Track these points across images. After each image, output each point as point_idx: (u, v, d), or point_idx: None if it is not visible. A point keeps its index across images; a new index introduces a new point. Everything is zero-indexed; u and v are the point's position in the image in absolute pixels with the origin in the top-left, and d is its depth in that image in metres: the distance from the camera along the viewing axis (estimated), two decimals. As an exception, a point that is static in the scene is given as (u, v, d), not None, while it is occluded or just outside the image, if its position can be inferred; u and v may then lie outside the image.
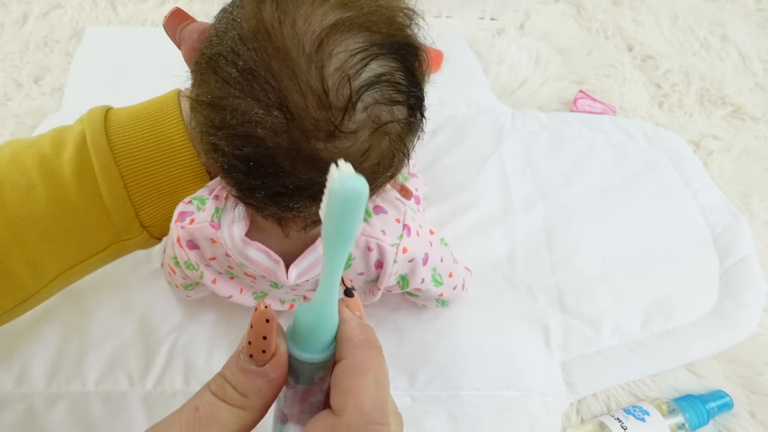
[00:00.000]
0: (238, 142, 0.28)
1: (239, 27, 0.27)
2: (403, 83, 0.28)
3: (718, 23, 1.02)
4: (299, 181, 0.28)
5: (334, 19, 0.26)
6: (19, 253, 0.41)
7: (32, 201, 0.40)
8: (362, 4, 0.28)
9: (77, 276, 0.47)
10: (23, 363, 0.53)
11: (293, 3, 0.26)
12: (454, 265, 0.49)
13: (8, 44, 0.93)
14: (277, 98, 0.26)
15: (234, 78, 0.27)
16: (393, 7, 0.29)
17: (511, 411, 0.51)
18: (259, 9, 0.27)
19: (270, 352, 0.20)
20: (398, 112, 0.29)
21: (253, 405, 0.20)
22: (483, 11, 0.96)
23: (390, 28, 0.28)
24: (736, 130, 0.84)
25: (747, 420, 0.54)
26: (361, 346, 0.21)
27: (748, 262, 0.64)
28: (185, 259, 0.43)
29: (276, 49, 0.26)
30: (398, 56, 0.28)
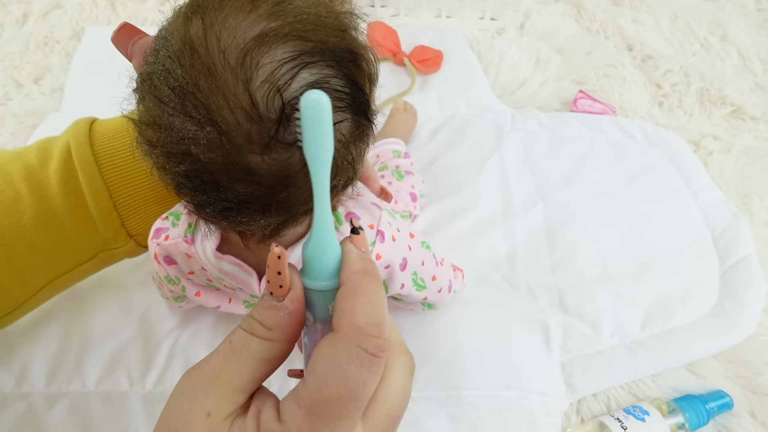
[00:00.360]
0: (174, 160, 0.28)
1: (169, 45, 0.27)
2: (341, 90, 0.28)
3: (718, 23, 1.02)
4: (240, 195, 0.28)
5: (258, 30, 0.26)
6: (6, 263, 0.42)
7: (19, 212, 0.41)
8: (291, 12, 0.27)
9: (65, 285, 0.47)
10: (23, 363, 0.53)
11: (219, 16, 0.26)
12: (438, 267, 0.48)
13: (8, 44, 0.93)
14: (208, 114, 0.26)
15: (167, 96, 0.27)
16: (326, 12, 0.28)
17: (511, 411, 0.51)
18: (185, 25, 0.27)
19: (286, 287, 0.22)
20: (339, 119, 0.28)
21: (279, 337, 0.22)
22: (483, 11, 0.96)
23: (323, 35, 0.27)
24: (736, 130, 0.84)
25: (747, 420, 0.54)
26: (358, 273, 0.22)
27: (748, 262, 0.64)
28: (165, 274, 0.44)
29: (203, 65, 0.26)
30: (334, 62, 0.27)
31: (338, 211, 0.40)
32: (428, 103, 0.83)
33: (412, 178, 0.67)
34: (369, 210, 0.42)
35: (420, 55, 0.88)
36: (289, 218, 0.31)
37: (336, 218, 0.39)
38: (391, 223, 0.42)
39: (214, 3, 0.27)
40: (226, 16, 0.26)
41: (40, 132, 0.78)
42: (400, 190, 0.64)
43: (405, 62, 0.87)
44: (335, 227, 0.38)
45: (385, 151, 0.71)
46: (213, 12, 0.26)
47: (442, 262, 0.49)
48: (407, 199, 0.64)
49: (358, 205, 0.41)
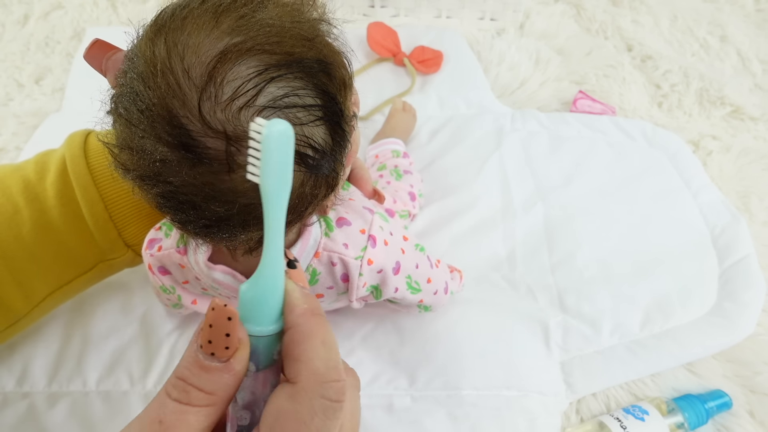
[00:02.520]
0: (149, 182, 0.28)
1: (135, 66, 0.26)
2: (311, 101, 0.27)
3: (717, 24, 1.02)
4: (217, 214, 0.28)
5: (222, 47, 0.25)
6: (7, 276, 0.42)
7: (18, 225, 0.42)
8: (254, 25, 0.26)
9: (67, 296, 0.48)
10: (24, 363, 0.53)
11: (182, 35, 0.26)
12: (433, 270, 0.48)
13: (9, 45, 0.94)
14: (178, 136, 0.25)
15: (136, 119, 0.26)
16: (291, 23, 0.27)
17: (511, 411, 0.51)
18: (150, 46, 0.26)
19: (233, 348, 0.20)
20: (312, 131, 0.27)
21: (220, 400, 0.20)
22: (483, 11, 0.96)
23: (288, 46, 0.26)
24: (735, 131, 0.84)
25: (746, 419, 0.54)
26: (305, 314, 0.21)
27: (747, 262, 0.64)
28: (159, 284, 0.44)
29: (169, 85, 0.25)
30: (302, 74, 0.27)
31: (329, 217, 0.40)
32: (428, 103, 0.83)
33: (410, 177, 0.67)
34: (361, 214, 0.41)
35: (420, 55, 0.88)
36: None
37: (327, 224, 0.39)
38: (384, 227, 0.42)
39: (177, 22, 0.26)
40: (189, 34, 0.25)
41: (41, 132, 0.78)
42: (398, 189, 0.64)
43: (405, 63, 0.87)
44: (326, 233, 0.39)
45: (383, 151, 0.71)
46: (176, 31, 0.26)
47: (437, 264, 0.49)
48: (406, 199, 0.64)
49: (350, 210, 0.41)
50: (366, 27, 0.88)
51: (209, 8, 0.26)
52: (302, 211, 0.31)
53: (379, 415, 0.51)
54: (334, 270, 0.40)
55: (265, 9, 0.27)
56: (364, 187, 0.45)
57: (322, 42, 0.29)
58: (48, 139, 0.74)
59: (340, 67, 0.30)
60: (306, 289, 0.22)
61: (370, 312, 0.57)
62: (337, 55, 0.30)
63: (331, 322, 0.62)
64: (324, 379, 0.19)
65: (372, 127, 0.79)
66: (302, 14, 0.29)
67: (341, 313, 0.56)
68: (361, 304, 0.45)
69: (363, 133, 0.79)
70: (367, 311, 0.57)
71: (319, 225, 0.38)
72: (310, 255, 0.38)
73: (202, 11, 0.26)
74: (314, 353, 0.20)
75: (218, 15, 0.26)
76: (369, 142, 0.76)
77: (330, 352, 0.20)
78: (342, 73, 0.30)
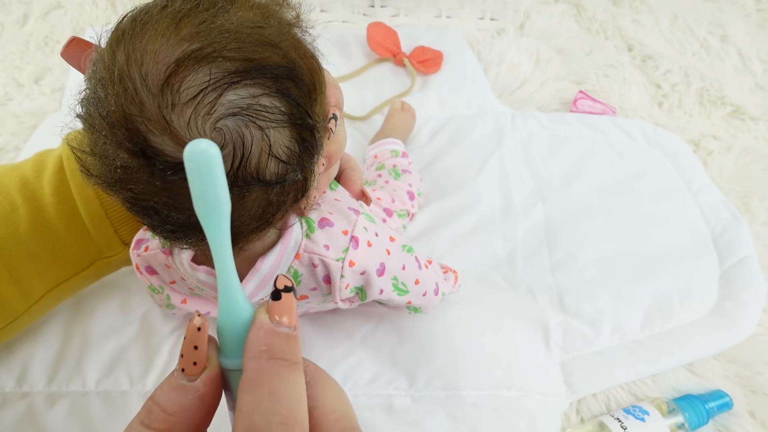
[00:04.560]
0: (112, 188, 0.27)
1: (97, 71, 0.26)
2: (272, 107, 0.26)
3: (717, 23, 1.02)
4: (178, 220, 0.27)
5: (180, 53, 0.25)
6: (4, 273, 0.42)
7: (15, 223, 0.42)
8: (214, 30, 0.26)
9: (65, 294, 0.48)
10: (24, 362, 0.53)
11: (141, 42, 0.25)
12: (422, 271, 0.47)
13: (9, 44, 0.94)
14: (137, 143, 0.25)
15: (99, 124, 0.26)
16: (251, 28, 0.27)
17: (511, 411, 0.51)
18: (111, 51, 0.26)
19: (201, 364, 0.19)
20: (275, 136, 0.27)
21: (180, 424, 0.18)
22: (483, 11, 0.96)
23: (249, 53, 0.26)
24: (735, 131, 0.84)
25: (746, 420, 0.54)
26: (258, 357, 0.18)
27: (748, 263, 0.64)
28: (148, 284, 0.44)
29: (127, 92, 0.25)
30: (262, 79, 0.26)
31: (311, 218, 0.39)
32: (428, 103, 0.83)
33: (409, 176, 0.67)
34: (345, 215, 0.41)
35: (420, 55, 0.88)
36: (236, 237, 0.30)
37: (308, 225, 0.39)
38: (368, 228, 0.41)
39: (137, 28, 0.26)
40: (148, 40, 0.25)
41: (41, 132, 0.78)
42: (397, 189, 0.64)
43: (405, 63, 0.87)
44: (307, 234, 0.38)
45: (383, 151, 0.71)
46: (135, 37, 0.25)
47: (427, 264, 0.48)
48: (404, 198, 0.64)
49: (335, 210, 0.41)
50: (366, 27, 0.88)
51: (169, 14, 0.26)
52: (270, 217, 0.30)
53: (379, 415, 0.51)
54: (315, 271, 0.39)
55: (227, 14, 0.27)
56: (352, 188, 0.45)
57: (290, 45, 0.28)
58: (47, 139, 0.74)
59: (310, 71, 0.29)
60: (284, 324, 0.19)
61: (370, 312, 0.57)
62: (306, 59, 0.29)
63: (331, 322, 0.62)
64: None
65: (372, 127, 0.79)
66: (268, 18, 0.28)
67: (340, 314, 0.56)
68: (347, 305, 0.44)
69: (363, 132, 0.79)
70: (367, 311, 0.56)
71: (300, 226, 0.38)
72: (290, 256, 0.38)
73: (161, 17, 0.26)
74: (255, 406, 0.17)
75: (178, 21, 0.26)
76: (368, 143, 0.76)
77: (277, 406, 0.17)
78: (312, 77, 0.29)
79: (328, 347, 0.54)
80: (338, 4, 0.94)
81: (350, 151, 0.75)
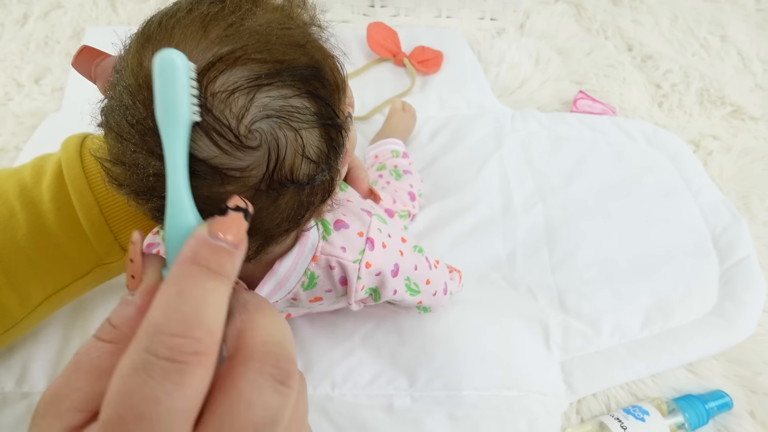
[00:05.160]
0: (143, 197, 0.27)
1: (123, 78, 0.26)
2: (302, 107, 0.26)
3: (717, 23, 1.02)
4: None
5: (210, 57, 0.25)
6: (3, 280, 0.42)
7: (13, 229, 0.41)
8: (244, 33, 0.26)
9: (64, 300, 0.47)
10: (24, 363, 0.53)
11: (171, 45, 0.25)
12: (432, 270, 0.47)
13: (9, 44, 0.93)
14: None
15: (128, 133, 0.26)
16: (280, 30, 0.27)
17: (511, 411, 0.51)
18: (138, 57, 0.25)
19: (138, 277, 0.19)
20: (307, 136, 0.27)
21: (123, 338, 0.18)
22: (483, 11, 0.96)
23: (279, 54, 0.26)
24: (735, 130, 0.84)
25: (746, 420, 0.54)
26: (182, 263, 0.18)
27: (748, 263, 0.64)
28: None
29: None
30: (292, 80, 0.26)
31: (327, 220, 0.39)
32: (428, 103, 0.83)
33: (410, 177, 0.67)
34: (359, 216, 0.41)
35: (420, 55, 0.88)
36: (267, 240, 0.30)
37: (324, 227, 0.39)
38: (382, 229, 0.41)
39: (164, 32, 0.26)
40: (177, 44, 0.25)
41: (41, 132, 0.78)
42: (398, 189, 0.64)
43: (405, 63, 0.87)
44: (323, 236, 0.38)
45: (383, 151, 0.71)
46: (163, 41, 0.25)
47: (436, 264, 0.49)
48: (405, 199, 0.64)
49: (348, 212, 0.41)
50: (366, 27, 0.88)
51: (197, 17, 0.26)
52: (299, 218, 0.30)
53: (379, 415, 0.51)
54: (332, 273, 0.40)
55: (254, 16, 0.27)
56: (360, 187, 0.45)
57: (314, 46, 0.28)
58: (47, 139, 0.74)
59: (333, 71, 0.29)
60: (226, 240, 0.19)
61: (370, 312, 0.57)
62: (329, 59, 0.29)
63: (331, 322, 0.62)
64: (158, 330, 0.16)
65: (372, 127, 0.79)
66: (292, 19, 0.28)
67: (341, 314, 0.56)
68: (360, 306, 0.45)
69: (363, 132, 0.79)
70: (367, 311, 0.56)
71: (316, 228, 0.38)
72: (308, 259, 0.38)
73: (189, 20, 0.26)
74: (162, 301, 0.17)
75: (206, 24, 0.25)
76: (369, 143, 0.76)
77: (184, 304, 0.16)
78: (335, 77, 0.29)
79: (328, 347, 0.54)
80: (338, 4, 0.94)
81: (350, 151, 0.76)
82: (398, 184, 0.65)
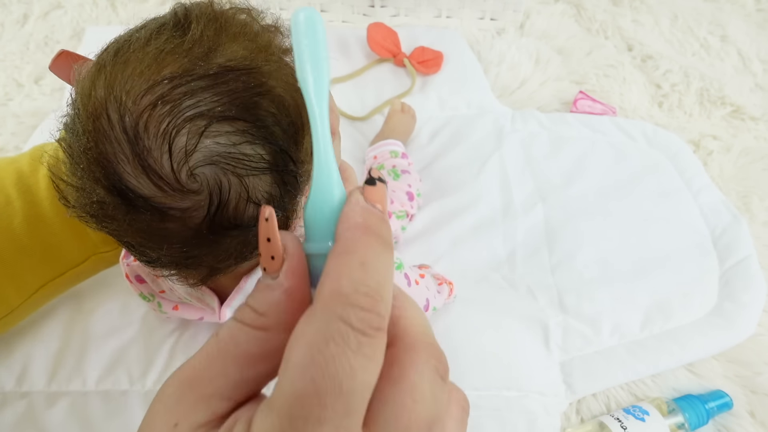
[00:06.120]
0: (91, 220, 0.27)
1: (77, 104, 0.26)
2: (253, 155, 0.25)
3: (717, 24, 1.02)
4: (153, 256, 0.27)
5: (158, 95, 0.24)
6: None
7: (9, 216, 0.42)
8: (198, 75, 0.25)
9: (60, 289, 0.48)
10: (24, 362, 0.53)
11: (122, 78, 0.24)
12: (411, 288, 0.46)
13: (9, 44, 0.94)
14: (113, 181, 0.25)
15: (77, 156, 0.25)
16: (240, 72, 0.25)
17: (511, 411, 0.51)
18: (91, 83, 0.25)
19: (279, 257, 0.17)
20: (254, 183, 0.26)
21: (274, 324, 0.17)
22: (483, 11, 0.96)
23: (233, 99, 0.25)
24: (735, 130, 0.84)
25: (746, 420, 0.54)
26: (354, 228, 0.17)
27: (748, 263, 0.64)
28: (138, 291, 0.44)
29: (104, 130, 0.24)
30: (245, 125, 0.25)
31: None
32: (428, 104, 0.83)
33: (408, 177, 0.67)
34: None
35: (420, 56, 0.88)
36: (213, 272, 0.30)
37: None
38: None
39: (118, 64, 0.25)
40: (128, 78, 0.24)
41: (41, 132, 0.78)
42: (396, 189, 0.64)
43: (405, 63, 0.87)
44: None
45: (382, 152, 0.71)
46: (116, 74, 0.25)
47: (418, 280, 0.48)
48: (404, 199, 0.64)
49: None
50: (366, 27, 0.88)
51: (152, 51, 0.25)
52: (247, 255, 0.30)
53: (379, 415, 0.51)
54: None
55: (212, 53, 0.25)
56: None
57: (278, 81, 0.27)
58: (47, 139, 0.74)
59: (298, 107, 0.27)
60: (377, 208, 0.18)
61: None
62: (296, 93, 0.27)
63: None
64: (348, 301, 0.15)
65: (372, 127, 0.79)
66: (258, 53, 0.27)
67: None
68: None
69: (363, 133, 0.79)
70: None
71: None
72: None
73: (144, 54, 0.25)
74: (345, 270, 0.16)
75: (161, 60, 0.25)
76: (369, 143, 0.76)
77: (368, 276, 0.16)
78: (298, 115, 0.28)
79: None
80: (338, 4, 0.94)
81: (350, 150, 0.76)
82: (396, 184, 0.65)
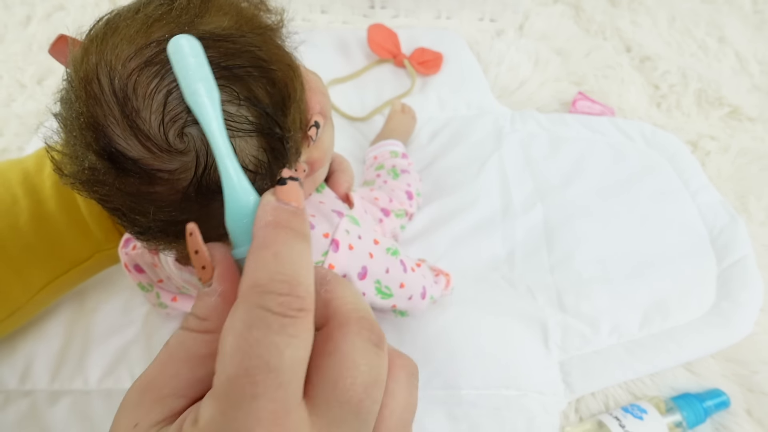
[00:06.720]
0: (84, 188, 0.28)
1: (70, 73, 0.27)
2: (237, 115, 0.26)
3: (715, 25, 1.02)
4: (144, 223, 0.28)
5: (146, 57, 0.24)
6: (5, 264, 0.43)
7: (15, 215, 0.42)
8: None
9: (66, 286, 0.48)
10: (27, 360, 0.53)
11: (111, 45, 0.25)
12: (408, 274, 0.46)
13: (12, 46, 0.94)
14: (105, 145, 0.25)
15: (70, 124, 0.26)
16: (223, 35, 0.26)
17: (510, 410, 0.52)
18: (82, 54, 0.26)
19: (209, 265, 0.19)
20: (241, 145, 0.26)
21: (215, 326, 0.19)
22: (482, 12, 0.97)
23: (217, 59, 0.25)
24: (733, 131, 0.85)
25: (743, 418, 0.54)
26: (265, 226, 0.18)
27: (745, 263, 0.64)
28: (137, 281, 0.44)
29: (95, 96, 0.25)
30: (230, 87, 0.25)
31: None
32: (428, 104, 0.84)
33: (408, 176, 0.68)
34: (327, 217, 0.40)
35: (420, 56, 0.89)
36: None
37: None
38: (351, 231, 0.41)
39: (109, 32, 0.26)
40: (118, 44, 0.25)
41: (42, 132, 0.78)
42: (395, 188, 0.65)
43: (405, 64, 0.88)
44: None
45: (382, 152, 0.71)
46: (106, 41, 0.26)
47: (414, 268, 0.48)
48: (403, 198, 0.64)
49: (317, 213, 0.40)
50: (366, 28, 0.89)
51: (140, 18, 0.26)
52: None
53: (379, 413, 0.51)
54: None
55: (200, 19, 0.26)
56: (338, 190, 0.45)
57: (264, 52, 0.27)
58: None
59: (284, 79, 0.28)
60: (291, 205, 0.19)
61: (369, 311, 0.57)
62: (281, 66, 0.28)
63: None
64: (265, 289, 0.17)
65: (372, 128, 0.80)
66: (244, 24, 0.27)
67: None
68: None
69: (363, 133, 0.79)
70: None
71: None
72: None
73: (133, 21, 0.26)
74: (261, 263, 0.17)
75: (149, 25, 0.25)
76: (369, 144, 0.76)
77: (282, 266, 0.17)
78: (284, 85, 0.28)
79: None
80: (338, 5, 0.95)
81: (350, 151, 0.76)
82: (395, 183, 0.66)
